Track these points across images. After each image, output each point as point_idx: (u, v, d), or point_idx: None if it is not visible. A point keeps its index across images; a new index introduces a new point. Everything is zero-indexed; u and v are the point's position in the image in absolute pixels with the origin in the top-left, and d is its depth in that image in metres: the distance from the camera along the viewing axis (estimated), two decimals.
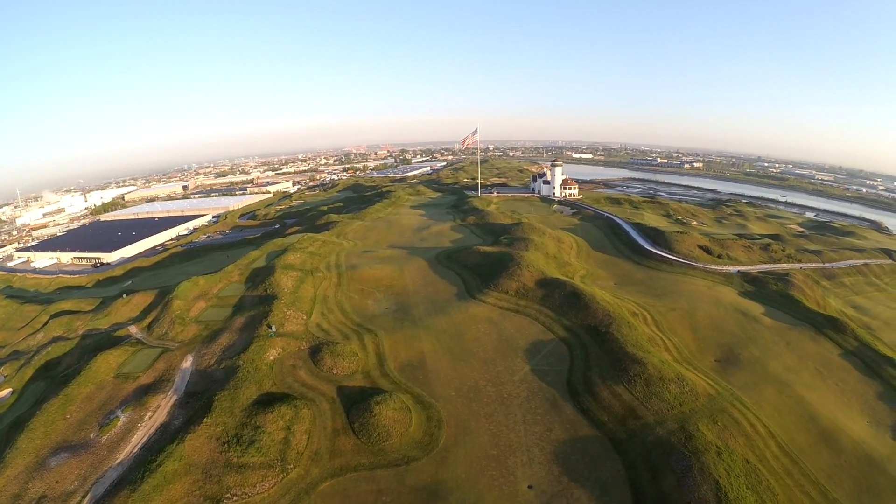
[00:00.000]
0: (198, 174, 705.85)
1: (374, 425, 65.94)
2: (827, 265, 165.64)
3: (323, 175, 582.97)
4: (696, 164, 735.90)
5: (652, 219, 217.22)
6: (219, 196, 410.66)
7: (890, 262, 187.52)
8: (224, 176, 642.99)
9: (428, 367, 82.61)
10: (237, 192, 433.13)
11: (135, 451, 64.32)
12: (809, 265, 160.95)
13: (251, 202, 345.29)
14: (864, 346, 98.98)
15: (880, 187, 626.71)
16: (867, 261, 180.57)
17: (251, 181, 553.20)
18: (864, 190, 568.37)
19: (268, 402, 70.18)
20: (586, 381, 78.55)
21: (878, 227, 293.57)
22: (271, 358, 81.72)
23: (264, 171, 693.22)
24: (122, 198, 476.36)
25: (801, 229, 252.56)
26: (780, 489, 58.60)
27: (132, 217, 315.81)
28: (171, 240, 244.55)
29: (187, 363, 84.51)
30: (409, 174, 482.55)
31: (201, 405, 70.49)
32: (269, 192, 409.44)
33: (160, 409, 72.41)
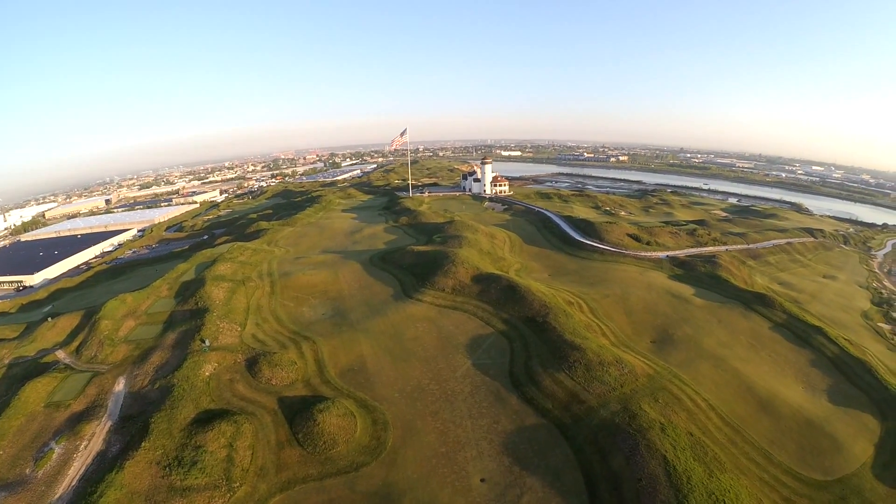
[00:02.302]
0: (121, 187, 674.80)
1: (319, 434, 64.32)
2: (751, 246, 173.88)
3: (251, 182, 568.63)
4: (621, 158, 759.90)
5: (581, 211, 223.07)
6: (143, 209, 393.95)
7: (812, 239, 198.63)
8: (148, 187, 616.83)
9: (369, 370, 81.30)
10: (162, 204, 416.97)
11: (73, 483, 60.51)
12: (735, 247, 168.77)
13: (177, 213, 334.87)
14: (792, 319, 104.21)
15: (799, 172, 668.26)
16: (790, 240, 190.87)
17: (177, 192, 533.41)
18: (784, 175, 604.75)
19: (207, 419, 67.31)
20: (528, 372, 79.20)
21: (798, 209, 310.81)
22: (207, 373, 78.45)
23: (190, 180, 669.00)
24: (43, 215, 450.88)
25: (724, 214, 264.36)
26: (725, 458, 61.01)
27: (54, 235, 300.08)
28: (96, 257, 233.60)
29: (120, 386, 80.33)
30: (340, 178, 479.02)
31: (138, 429, 66.94)
32: (196, 203, 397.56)
33: (95, 436, 68.50)
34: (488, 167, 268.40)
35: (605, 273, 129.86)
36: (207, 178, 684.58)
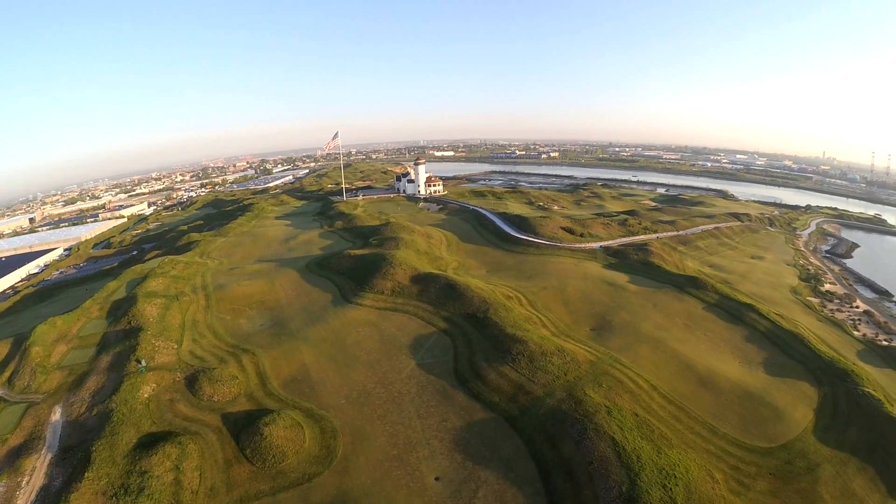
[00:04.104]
0: (45, 204, 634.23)
1: (268, 448, 62.98)
2: (681, 232, 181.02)
3: (180, 193, 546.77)
4: (552, 154, 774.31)
5: (515, 207, 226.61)
6: (69, 226, 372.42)
7: (738, 223, 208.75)
8: (73, 203, 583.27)
9: (313, 379, 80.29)
10: (89, 220, 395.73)
11: None
12: (665, 234, 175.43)
13: (105, 229, 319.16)
14: (724, 298, 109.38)
15: (723, 161, 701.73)
16: (718, 225, 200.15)
17: (103, 206, 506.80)
18: (709, 164, 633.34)
19: (150, 443, 64.75)
20: (473, 367, 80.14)
21: (724, 195, 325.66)
22: (146, 395, 75.61)
23: (116, 193, 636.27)
24: None
25: (654, 203, 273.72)
26: (672, 434, 63.51)
27: None
28: (22, 281, 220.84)
29: (56, 415, 76.48)
30: (272, 184, 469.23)
31: (79, 459, 63.83)
32: (124, 217, 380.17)
33: (37, 470, 64.99)
34: (422, 168, 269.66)
35: (541, 266, 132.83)
36: (134, 190, 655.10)
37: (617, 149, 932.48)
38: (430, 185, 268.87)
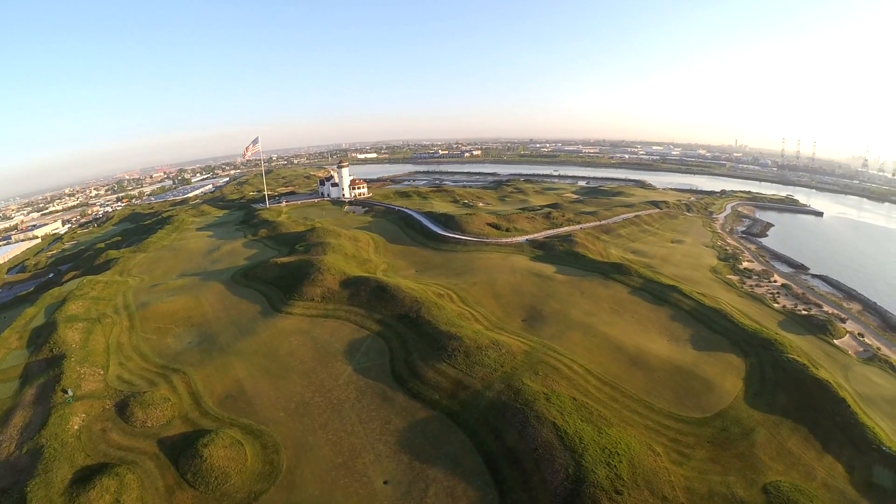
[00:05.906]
0: None
1: (209, 470, 61.02)
2: (603, 222, 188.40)
3: (95, 209, 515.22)
4: (475, 152, 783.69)
5: (441, 206, 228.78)
6: None
7: (657, 210, 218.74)
8: None
9: (248, 394, 78.28)
10: (0, 243, 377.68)
11: None
12: (588, 224, 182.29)
13: (18, 252, 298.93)
14: (648, 282, 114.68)
15: (640, 153, 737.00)
16: (638, 213, 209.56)
17: (15, 227, 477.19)
18: (627, 156, 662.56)
19: (86, 477, 61.23)
20: (410, 367, 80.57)
21: (642, 185, 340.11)
22: (76, 427, 71.76)
23: (28, 213, 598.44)
24: None
25: (576, 196, 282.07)
26: (610, 414, 66.21)
27: None
28: None
29: None
30: (191, 194, 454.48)
31: (15, 502, 60.58)
32: (38, 237, 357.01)
33: None
34: (345, 171, 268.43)
35: (470, 262, 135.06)
36: (47, 208, 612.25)
37: (538, 145, 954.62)
38: (354, 188, 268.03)
